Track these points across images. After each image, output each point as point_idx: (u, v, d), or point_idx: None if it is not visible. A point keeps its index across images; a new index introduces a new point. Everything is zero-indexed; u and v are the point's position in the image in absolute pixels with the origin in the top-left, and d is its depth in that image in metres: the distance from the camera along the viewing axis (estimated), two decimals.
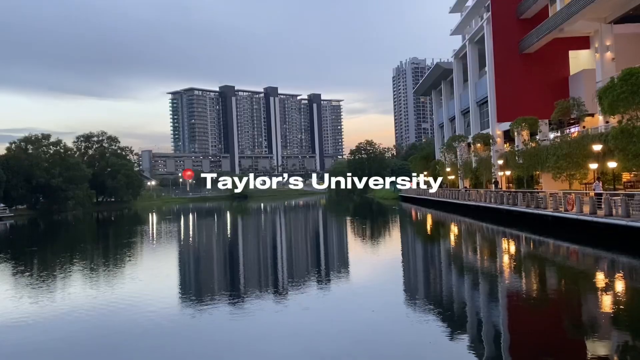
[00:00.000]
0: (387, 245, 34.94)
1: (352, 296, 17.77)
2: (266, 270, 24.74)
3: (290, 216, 74.42)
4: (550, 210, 33.84)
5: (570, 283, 19.46)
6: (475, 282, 19.85)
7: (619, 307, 15.13)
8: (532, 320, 14.17)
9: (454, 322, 13.95)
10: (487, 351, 11.22)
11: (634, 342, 11.76)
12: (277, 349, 11.44)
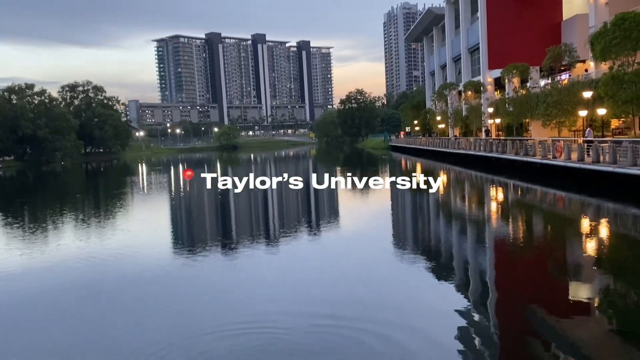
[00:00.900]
0: (376, 194, 35.18)
1: (342, 244, 18.02)
2: (257, 219, 24.91)
3: (280, 166, 74.43)
4: (538, 157, 34.07)
5: (556, 229, 19.82)
6: (464, 228, 20.15)
7: (602, 251, 15.48)
8: (518, 265, 14.48)
9: (442, 268, 14.21)
10: (473, 291, 11.50)
11: (616, 286, 12.09)
12: (267, 294, 11.62)
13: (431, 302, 11.20)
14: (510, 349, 8.50)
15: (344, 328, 9.31)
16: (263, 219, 24.92)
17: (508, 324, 9.71)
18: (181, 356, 8.36)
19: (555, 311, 10.11)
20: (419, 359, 7.92)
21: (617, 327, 9.38)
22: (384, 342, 8.63)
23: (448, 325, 9.39)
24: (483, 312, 10.28)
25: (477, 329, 9.19)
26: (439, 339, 8.74)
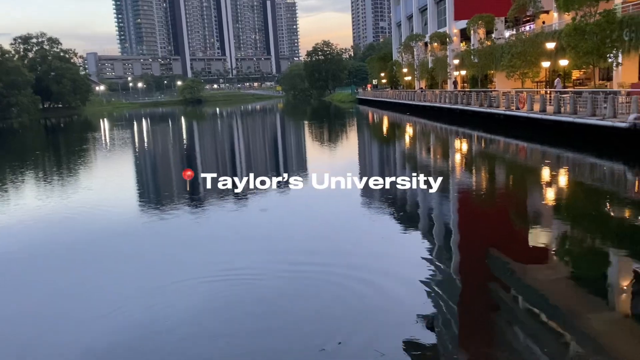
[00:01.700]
0: (344, 147, 35.30)
1: (311, 197, 18.13)
2: (224, 174, 24.75)
3: (247, 120, 73.55)
4: (502, 109, 34.58)
5: (518, 178, 20.40)
6: (429, 180, 20.47)
7: (561, 199, 16.07)
8: (481, 213, 14.92)
9: (407, 218, 14.54)
10: (437, 239, 11.85)
11: (573, 232, 12.63)
12: (234, 248, 11.68)
13: (399, 248, 11.50)
14: (473, 290, 8.86)
15: (316, 273, 9.55)
16: (231, 174, 24.77)
17: (471, 268, 10.09)
18: (151, 305, 8.39)
19: (516, 256, 10.52)
20: (389, 298, 8.18)
21: (572, 271, 9.85)
22: (355, 284, 8.92)
23: (415, 270, 9.68)
24: (447, 257, 10.63)
25: (442, 272, 9.52)
26: (407, 281, 9.03)
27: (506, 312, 8.05)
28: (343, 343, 6.73)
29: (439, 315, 7.60)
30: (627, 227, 12.68)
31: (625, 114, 22.19)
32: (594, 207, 14.83)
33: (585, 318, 7.46)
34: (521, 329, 7.29)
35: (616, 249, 10.84)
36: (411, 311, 7.81)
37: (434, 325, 7.06)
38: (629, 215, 13.69)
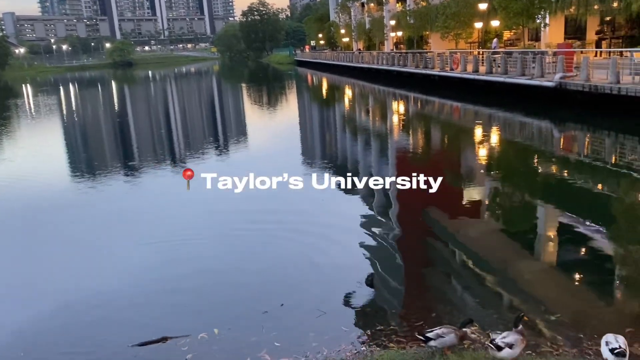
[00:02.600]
0: (284, 110, 35.00)
1: (251, 162, 17.96)
2: (160, 141, 23.99)
3: (182, 84, 71.15)
4: (437, 70, 35.20)
5: (452, 138, 21.00)
6: (368, 141, 20.75)
7: (492, 157, 16.73)
8: (417, 172, 15.28)
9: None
10: (377, 200, 12.09)
11: (504, 188, 13.21)
12: (171, 217, 11.42)
13: (338, 210, 11.63)
14: (411, 247, 9.15)
15: (256, 237, 9.62)
16: (167, 141, 24.06)
17: (409, 226, 10.38)
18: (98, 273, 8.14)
19: (451, 213, 10.91)
20: (330, 258, 8.31)
21: (504, 226, 10.34)
22: (295, 246, 9.07)
23: (355, 230, 9.89)
24: (386, 216, 10.88)
25: (382, 231, 9.75)
26: (346, 241, 9.20)
27: (443, 266, 8.37)
28: (285, 304, 6.80)
29: (378, 272, 7.80)
30: (554, 181, 13.40)
31: (552, 73, 23.14)
32: (523, 164, 15.54)
33: (516, 269, 7.88)
34: (457, 281, 7.61)
35: (543, 202, 11.44)
36: (351, 270, 7.97)
37: (373, 282, 7.24)
38: (556, 170, 14.45)
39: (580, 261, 8.28)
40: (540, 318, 6.10)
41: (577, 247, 8.72)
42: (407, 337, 5.72)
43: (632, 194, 11.52)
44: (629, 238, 9.01)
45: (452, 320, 6.06)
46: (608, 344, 4.58)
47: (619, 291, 7.13)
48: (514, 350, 4.71)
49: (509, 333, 4.86)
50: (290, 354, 5.55)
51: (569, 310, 6.28)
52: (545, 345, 5.39)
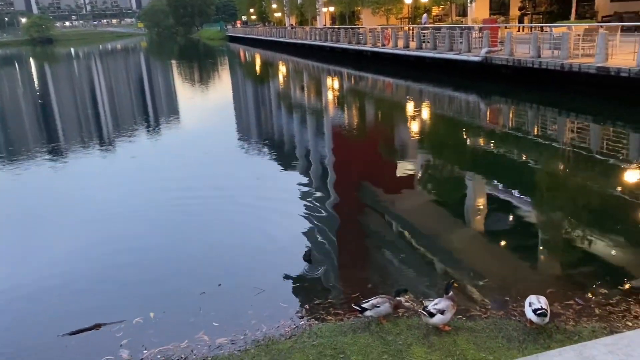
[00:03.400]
0: (217, 88, 34.23)
1: (187, 140, 17.52)
2: (87, 122, 22.86)
3: (108, 62, 67.84)
4: (369, 45, 35.48)
5: (385, 113, 21.34)
6: (303, 118, 20.72)
7: (424, 130, 17.17)
8: (353, 148, 15.48)
9: (284, 157, 14.65)
10: (313, 176, 12.15)
11: (435, 160, 13.62)
12: (100, 200, 10.99)
13: (275, 186, 11.61)
14: (348, 221, 9.28)
15: (191, 217, 9.49)
16: (94, 122, 22.95)
17: (346, 201, 10.51)
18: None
19: (386, 186, 11.15)
20: (268, 235, 8.28)
21: (436, 197, 10.68)
22: (233, 225, 9.01)
23: (292, 206, 9.88)
24: (324, 192, 10.96)
25: (319, 206, 9.81)
26: (284, 217, 9.19)
27: (379, 238, 8.55)
28: (223, 284, 6.73)
29: (316, 247, 7.87)
30: (481, 153, 13.95)
31: (478, 48, 23.90)
32: (453, 137, 16.05)
33: (448, 238, 8.18)
34: (392, 252, 7.81)
35: (472, 173, 11.90)
36: (289, 246, 8.00)
37: (311, 257, 7.30)
38: (483, 142, 15.03)
39: (506, 228, 8.70)
40: (470, 283, 6.39)
41: (504, 215, 9.16)
42: (344, 309, 5.82)
43: (553, 163, 12.20)
44: (550, 205, 9.57)
45: (388, 290, 6.23)
46: (531, 305, 4.86)
47: (541, 255, 7.57)
48: (446, 315, 4.92)
49: (440, 300, 5.05)
50: (229, 333, 5.52)
51: (496, 275, 6.60)
52: (475, 309, 5.65)
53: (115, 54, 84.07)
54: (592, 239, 7.82)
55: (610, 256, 7.18)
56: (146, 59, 68.08)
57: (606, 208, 9.18)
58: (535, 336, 4.85)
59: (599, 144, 13.33)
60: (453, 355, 4.60)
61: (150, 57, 72.36)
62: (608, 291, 5.89)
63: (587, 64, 17.57)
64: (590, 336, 4.75)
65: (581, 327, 5.07)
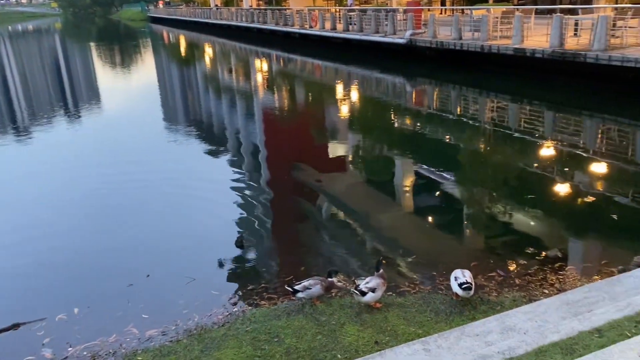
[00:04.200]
0: (139, 71, 32.87)
1: (105, 127, 16.74)
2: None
3: (19, 44, 63.32)
4: (297, 27, 35.25)
5: (316, 95, 21.36)
6: (232, 101, 20.34)
7: (354, 112, 17.35)
8: (285, 130, 15.40)
9: (214, 142, 14.35)
10: (244, 160, 12.00)
11: (365, 142, 13.82)
12: (15, 189, 10.34)
13: (206, 171, 11.40)
14: (281, 205, 9.25)
15: (122, 199, 9.30)
16: (7, 108, 21.42)
17: (278, 184, 10.46)
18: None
19: (319, 168, 11.18)
20: (198, 222, 8.12)
21: (366, 177, 10.85)
22: (161, 212, 8.76)
23: (224, 191, 9.72)
24: (255, 175, 10.86)
25: (251, 190, 9.72)
26: (215, 203, 9.02)
27: (311, 220, 8.59)
28: (152, 275, 6.53)
29: (248, 232, 7.79)
30: (408, 134, 14.30)
31: (403, 30, 24.35)
32: (380, 118, 16.33)
33: (378, 217, 8.34)
34: (325, 234, 7.88)
35: (400, 154, 12.18)
36: (220, 232, 7.87)
37: (243, 243, 7.22)
38: (410, 123, 15.40)
39: (433, 205, 9.00)
40: (399, 260, 6.56)
41: (430, 193, 9.46)
42: (278, 293, 5.81)
43: (475, 141, 12.71)
44: (473, 181, 9.99)
45: (321, 271, 6.28)
46: (456, 279, 5.06)
47: (466, 230, 7.90)
48: (377, 293, 5.02)
49: (371, 278, 5.15)
50: (160, 324, 5.36)
51: (424, 250, 6.82)
52: (404, 285, 5.81)
53: (26, 36, 78.59)
54: (512, 212, 8.24)
55: (529, 228, 7.61)
56: (62, 41, 64.09)
57: (524, 183, 9.70)
58: (461, 308, 5.06)
59: (517, 122, 14.02)
60: (384, 331, 4.72)
61: (67, 39, 68.21)
62: (527, 262, 6.25)
63: (505, 45, 18.35)
64: (511, 305, 5.02)
65: (503, 297, 5.34)
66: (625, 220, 7.55)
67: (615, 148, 11.25)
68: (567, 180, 9.46)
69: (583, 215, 8.07)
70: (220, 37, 48.45)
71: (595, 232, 7.37)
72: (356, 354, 4.34)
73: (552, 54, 16.45)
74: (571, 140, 11.96)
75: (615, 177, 9.52)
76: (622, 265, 5.87)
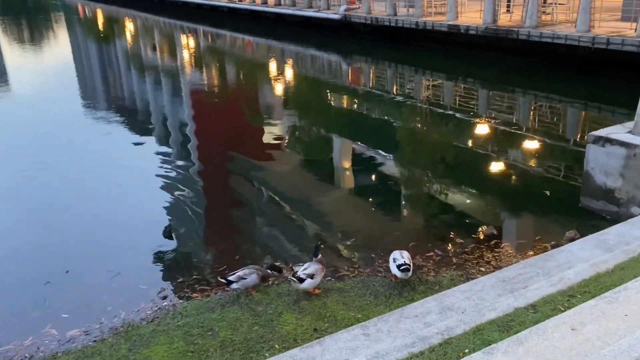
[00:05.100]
0: (52, 48, 31.04)
1: (15, 110, 15.74)
2: None
3: None
4: (225, 1, 34.44)
5: (248, 74, 21.00)
6: (157, 81, 19.63)
7: (289, 92, 17.23)
8: (217, 113, 15.05)
9: (138, 124, 13.84)
10: (173, 144, 11.64)
11: (301, 122, 13.76)
12: None
13: (131, 156, 11.01)
14: (213, 191, 9.06)
15: (37, 188, 8.87)
16: None
17: (210, 169, 10.23)
18: None
19: (254, 152, 11.02)
20: (124, 212, 7.84)
21: (304, 160, 10.81)
22: (85, 197, 8.49)
23: (152, 179, 9.39)
24: (185, 159, 10.58)
25: (181, 176, 9.46)
26: (143, 192, 8.76)
27: (246, 206, 8.48)
28: (71, 271, 6.22)
29: (178, 221, 7.58)
30: (345, 113, 14.37)
31: (337, 5, 24.34)
32: (317, 98, 16.31)
33: (317, 200, 8.34)
34: (261, 220, 7.80)
35: (338, 134, 12.21)
36: (147, 222, 7.62)
37: (171, 233, 7.02)
38: (347, 102, 15.48)
39: (372, 186, 9.12)
40: (338, 244, 6.61)
41: (369, 174, 9.57)
42: (211, 285, 5.70)
43: (411, 120, 12.96)
44: (410, 161, 10.20)
45: (257, 259, 6.22)
46: (395, 261, 5.15)
47: (404, 210, 8.07)
48: (315, 279, 5.03)
49: (309, 264, 5.15)
50: (82, 323, 5.12)
51: (363, 233, 6.90)
52: (343, 269, 5.86)
53: None
54: (448, 191, 8.50)
55: (465, 206, 7.87)
56: None
57: (460, 161, 10.01)
58: (400, 290, 5.17)
59: (452, 100, 14.42)
60: (324, 317, 4.74)
61: None
62: (464, 240, 6.47)
63: (439, 22, 18.76)
64: (449, 285, 5.18)
65: (441, 277, 5.50)
66: (557, 196, 7.96)
67: (546, 125, 11.82)
68: (501, 157, 9.86)
69: (517, 192, 8.45)
70: (142, 11, 46.55)
71: (528, 208, 7.73)
72: (295, 343, 4.33)
73: (486, 30, 16.98)
74: (504, 117, 12.44)
75: (547, 154, 10.02)
76: (555, 240, 6.19)
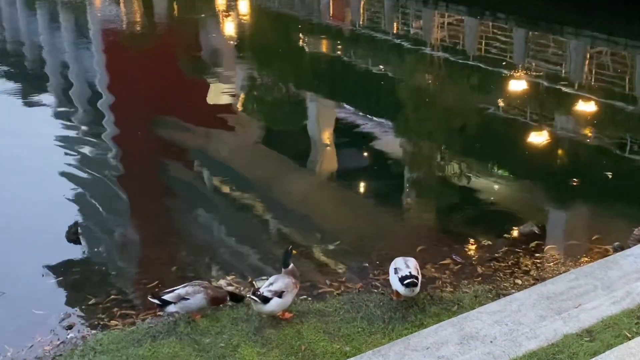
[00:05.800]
0: None
1: None
2: None
3: None
4: None
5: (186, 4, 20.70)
6: (54, 14, 19.36)
7: (243, 32, 17.10)
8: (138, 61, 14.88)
9: (31, 79, 13.71)
10: (79, 115, 11.52)
11: (261, 75, 13.66)
12: None
13: (17, 122, 11.07)
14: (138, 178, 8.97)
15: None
16: None
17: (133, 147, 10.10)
18: None
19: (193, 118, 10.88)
20: (5, 195, 7.91)
21: (268, 124, 10.79)
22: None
23: (48, 152, 9.49)
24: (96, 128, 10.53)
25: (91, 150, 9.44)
26: (35, 170, 8.80)
27: (186, 196, 8.41)
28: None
29: (87, 217, 7.51)
30: (324, 59, 14.33)
31: None
32: (284, 41, 16.19)
33: (284, 188, 8.31)
34: (207, 215, 7.77)
35: (315, 91, 12.13)
36: (43, 220, 7.52)
37: (78, 235, 6.95)
38: (326, 46, 15.39)
39: (362, 168, 9.08)
40: (317, 249, 6.61)
41: (358, 150, 9.57)
42: (136, 308, 5.68)
43: (418, 73, 12.96)
44: (417, 130, 10.23)
45: (203, 273, 6.18)
46: (397, 272, 5.15)
47: (409, 201, 8.06)
48: (285, 298, 5.01)
49: (277, 277, 5.15)
50: None
51: (351, 233, 6.90)
52: (324, 284, 5.87)
53: None
54: (470, 174, 8.50)
55: (494, 194, 7.88)
56: None
57: (486, 131, 10.01)
58: (404, 312, 5.19)
59: (476, 44, 14.40)
60: (297, 352, 4.75)
61: None
62: (492, 242, 6.49)
63: None
64: (472, 304, 5.21)
65: (461, 293, 5.53)
66: (622, 179, 8.01)
67: (608, 80, 11.80)
68: (544, 126, 9.85)
69: (566, 174, 8.39)
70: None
71: (582, 197, 7.77)
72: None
73: None
74: (549, 69, 12.49)
75: (607, 121, 10.06)
76: (619, 241, 6.21)
